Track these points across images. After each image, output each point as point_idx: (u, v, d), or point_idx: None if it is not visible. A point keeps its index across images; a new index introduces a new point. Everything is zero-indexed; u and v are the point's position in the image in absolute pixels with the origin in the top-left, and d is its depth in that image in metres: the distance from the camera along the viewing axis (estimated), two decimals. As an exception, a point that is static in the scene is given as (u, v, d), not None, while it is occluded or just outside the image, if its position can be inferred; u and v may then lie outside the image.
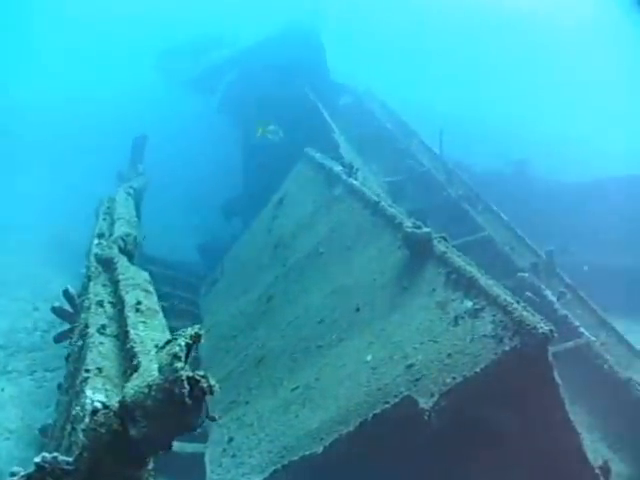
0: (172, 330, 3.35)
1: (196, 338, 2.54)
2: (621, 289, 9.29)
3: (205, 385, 2.46)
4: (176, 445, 4.97)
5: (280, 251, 8.31)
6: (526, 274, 8.13)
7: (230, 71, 15.75)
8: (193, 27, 20.11)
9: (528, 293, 7.32)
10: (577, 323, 7.44)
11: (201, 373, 2.47)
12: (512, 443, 4.77)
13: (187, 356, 2.48)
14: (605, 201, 11.91)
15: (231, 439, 5.82)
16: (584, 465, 5.04)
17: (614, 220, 11.28)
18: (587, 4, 24.08)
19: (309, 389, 5.67)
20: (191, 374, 2.44)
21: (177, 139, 18.70)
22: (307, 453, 4.93)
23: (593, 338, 7.27)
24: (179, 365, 2.41)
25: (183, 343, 2.48)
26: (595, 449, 6.01)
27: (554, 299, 7.75)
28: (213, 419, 2.68)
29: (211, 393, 2.49)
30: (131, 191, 8.40)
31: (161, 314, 4.15)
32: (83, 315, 4.39)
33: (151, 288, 4.72)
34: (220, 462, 5.62)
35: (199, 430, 5.29)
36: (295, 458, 4.99)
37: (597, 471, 5.16)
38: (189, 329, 2.56)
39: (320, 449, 4.87)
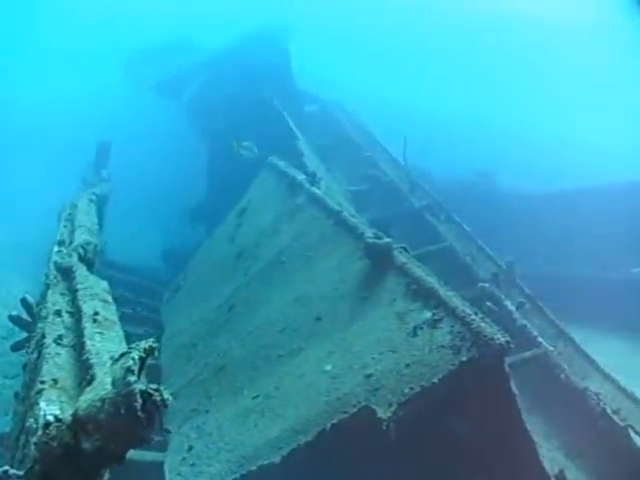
0: (133, 338, 3.33)
1: (150, 351, 2.54)
2: (583, 298, 9.43)
3: (158, 399, 2.46)
4: (135, 453, 4.96)
5: (242, 259, 8.28)
6: (487, 284, 8.22)
7: (197, 76, 15.74)
8: (162, 30, 20.06)
9: (488, 303, 7.41)
10: (535, 333, 7.53)
11: (154, 386, 2.47)
12: (469, 453, 4.82)
13: (141, 369, 2.48)
14: (572, 211, 12.03)
15: (191, 448, 5.77)
16: (540, 474, 5.12)
17: (577, 228, 11.46)
18: (587, 6, 24.29)
19: (269, 398, 5.67)
20: (144, 388, 2.43)
21: (143, 142, 18.56)
22: (265, 463, 4.92)
23: (551, 348, 7.37)
24: (132, 379, 2.41)
25: (137, 356, 2.48)
26: (552, 458, 6.09)
27: (514, 309, 7.85)
28: (168, 431, 2.69)
29: (165, 406, 2.49)
30: (93, 197, 8.33)
31: (119, 325, 4.13)
32: (40, 324, 4.35)
33: (109, 298, 4.68)
34: (179, 471, 5.57)
35: (158, 438, 5.28)
36: (253, 468, 4.97)
37: (553, 480, 5.26)
38: (143, 342, 2.56)
39: (278, 459, 4.86)
